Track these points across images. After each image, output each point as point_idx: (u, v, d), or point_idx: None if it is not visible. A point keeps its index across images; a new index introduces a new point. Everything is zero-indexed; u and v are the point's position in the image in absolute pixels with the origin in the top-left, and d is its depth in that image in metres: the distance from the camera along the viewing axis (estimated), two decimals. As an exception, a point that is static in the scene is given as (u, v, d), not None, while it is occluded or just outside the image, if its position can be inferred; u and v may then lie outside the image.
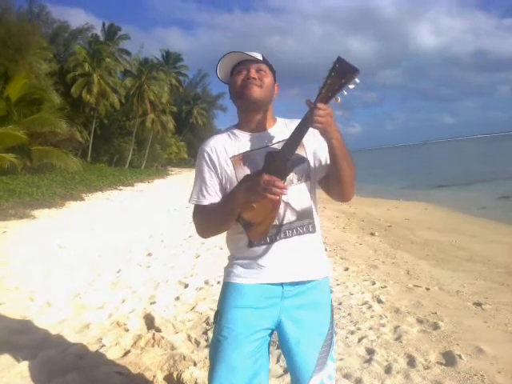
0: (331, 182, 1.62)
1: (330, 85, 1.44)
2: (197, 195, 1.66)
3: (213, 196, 1.63)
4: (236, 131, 1.68)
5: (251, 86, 1.58)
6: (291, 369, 1.65)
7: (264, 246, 1.59)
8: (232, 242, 1.70)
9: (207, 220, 1.65)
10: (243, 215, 1.54)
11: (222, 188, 1.64)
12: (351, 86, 1.44)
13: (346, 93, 1.45)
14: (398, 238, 8.09)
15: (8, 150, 15.30)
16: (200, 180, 1.66)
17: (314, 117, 1.42)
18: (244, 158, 1.61)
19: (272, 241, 1.59)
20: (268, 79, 1.62)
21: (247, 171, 1.59)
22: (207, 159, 1.64)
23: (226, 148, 1.64)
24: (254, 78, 1.58)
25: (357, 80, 1.43)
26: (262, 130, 1.65)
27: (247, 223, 1.56)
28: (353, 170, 1.59)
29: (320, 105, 1.43)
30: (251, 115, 1.64)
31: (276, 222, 1.57)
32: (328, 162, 1.62)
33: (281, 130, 1.65)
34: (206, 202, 1.64)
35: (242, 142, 1.64)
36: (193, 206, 1.70)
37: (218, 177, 1.63)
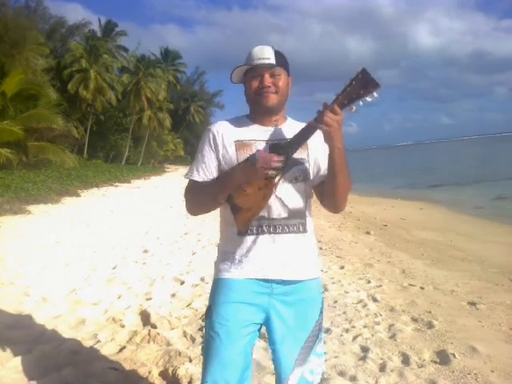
0: (325, 191, 1.64)
1: (349, 93, 1.46)
2: (192, 171, 1.68)
3: (207, 175, 1.65)
4: (247, 120, 1.69)
5: (267, 95, 1.59)
6: (275, 363, 1.68)
7: (252, 238, 1.60)
8: (223, 230, 1.72)
9: (198, 196, 1.67)
10: (234, 198, 1.56)
11: (220, 169, 1.65)
12: (368, 99, 1.47)
13: (361, 103, 1.48)
14: (394, 238, 8.13)
15: (4, 145, 15.23)
16: (199, 158, 1.68)
17: (324, 117, 1.44)
18: (248, 145, 1.62)
19: (259, 233, 1.60)
20: (282, 82, 1.62)
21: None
22: (211, 139, 1.66)
23: (233, 132, 1.66)
24: (268, 87, 1.59)
25: (375, 94, 1.46)
26: (271, 125, 1.67)
27: (236, 207, 1.58)
28: (348, 184, 1.61)
29: (334, 107, 1.45)
30: (266, 115, 1.66)
31: (266, 215, 1.59)
32: (326, 172, 1.64)
33: (289, 129, 1.65)
34: (199, 178, 1.66)
35: (250, 130, 1.66)
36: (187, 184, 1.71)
37: (217, 158, 1.65)
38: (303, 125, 1.61)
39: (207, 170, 1.65)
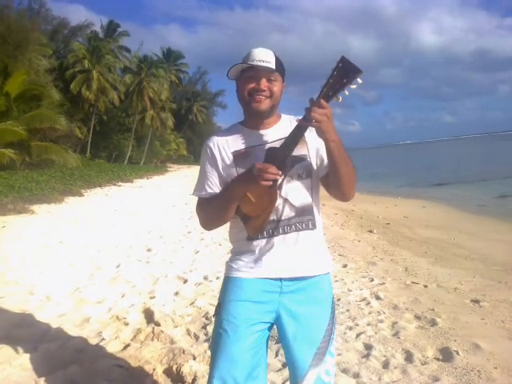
0: (331, 182, 1.64)
1: (332, 84, 1.44)
2: (198, 188, 1.71)
3: (213, 190, 1.67)
4: (241, 127, 1.70)
5: (259, 99, 1.59)
6: (289, 363, 1.68)
7: (263, 241, 1.62)
8: (233, 235, 1.74)
9: (207, 211, 1.69)
10: (242, 208, 1.58)
11: (223, 182, 1.66)
12: (353, 86, 1.44)
13: (347, 93, 1.45)
14: (397, 236, 8.13)
15: (7, 145, 15.28)
16: (202, 174, 1.70)
17: (311, 114, 1.43)
18: (246, 153, 1.63)
19: (270, 235, 1.62)
20: (277, 87, 1.61)
21: (248, 166, 1.60)
22: (209, 154, 1.68)
23: (229, 143, 1.67)
24: (263, 90, 1.58)
25: (359, 80, 1.43)
26: (266, 127, 1.67)
27: (245, 216, 1.60)
28: (352, 171, 1.61)
29: (320, 101, 1.44)
30: (257, 118, 1.66)
31: (274, 218, 1.60)
32: None
33: (285, 127, 1.65)
34: (206, 194, 1.68)
35: (246, 137, 1.67)
36: (196, 199, 1.75)
37: (218, 171, 1.66)
38: (298, 117, 1.59)
39: (212, 185, 1.67)
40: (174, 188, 19.28)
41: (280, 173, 1.46)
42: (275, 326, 1.70)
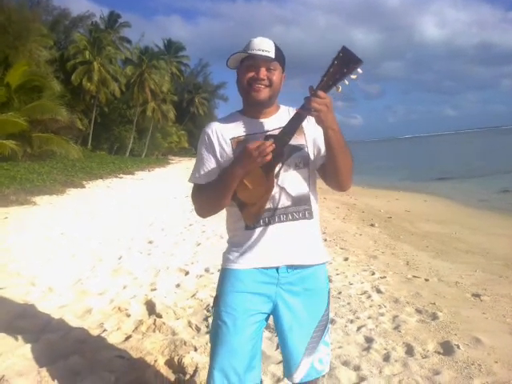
0: (328, 171, 1.64)
1: (332, 73, 1.44)
2: (194, 175, 1.70)
3: (209, 176, 1.66)
4: (239, 115, 1.70)
5: (258, 88, 1.59)
6: (284, 352, 1.70)
7: (259, 229, 1.62)
8: (230, 225, 1.74)
9: (203, 198, 1.68)
10: (238, 195, 1.58)
11: (220, 169, 1.66)
12: (353, 76, 1.44)
13: (347, 82, 1.45)
14: (398, 230, 8.13)
15: (8, 136, 15.25)
16: (199, 160, 1.70)
17: (311, 103, 1.43)
18: (244, 141, 1.63)
19: (267, 224, 1.62)
20: (276, 76, 1.62)
21: None
22: (206, 140, 1.68)
23: (228, 130, 1.67)
24: (262, 79, 1.59)
25: (359, 70, 1.43)
26: (265, 116, 1.68)
27: (242, 203, 1.60)
28: (350, 161, 1.61)
29: (318, 92, 1.43)
30: (257, 108, 1.67)
31: (271, 206, 1.60)
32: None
33: (283, 117, 1.65)
34: (201, 181, 1.68)
35: (244, 125, 1.67)
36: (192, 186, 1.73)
37: (215, 158, 1.66)
38: (296, 108, 1.59)
39: (208, 172, 1.66)
40: (176, 180, 19.27)
41: (274, 144, 1.46)
42: (272, 317, 1.71)
